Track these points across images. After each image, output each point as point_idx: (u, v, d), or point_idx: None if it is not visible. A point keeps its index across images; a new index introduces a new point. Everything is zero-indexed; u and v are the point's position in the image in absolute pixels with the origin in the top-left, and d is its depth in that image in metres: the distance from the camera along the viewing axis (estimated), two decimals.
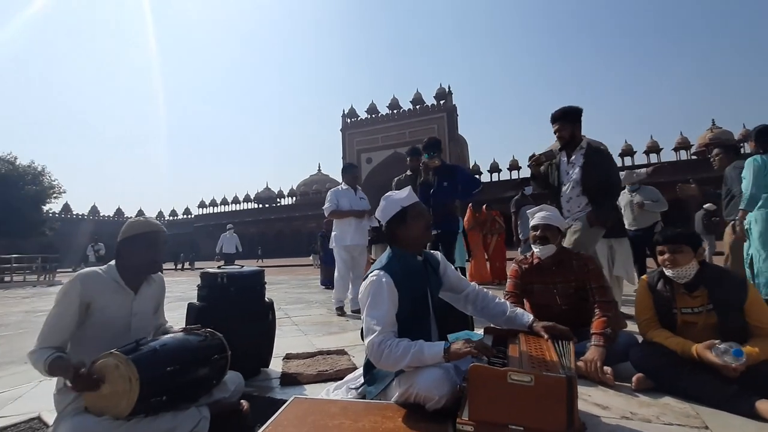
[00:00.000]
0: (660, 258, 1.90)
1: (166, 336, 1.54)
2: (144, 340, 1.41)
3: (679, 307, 1.85)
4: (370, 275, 1.62)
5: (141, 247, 1.60)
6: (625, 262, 4.10)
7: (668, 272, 1.85)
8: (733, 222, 3.40)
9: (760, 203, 3.08)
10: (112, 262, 1.64)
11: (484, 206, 7.12)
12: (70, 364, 1.36)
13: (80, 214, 49.31)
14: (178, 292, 7.91)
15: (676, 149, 32.96)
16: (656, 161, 31.52)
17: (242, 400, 1.65)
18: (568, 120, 2.94)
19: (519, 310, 1.81)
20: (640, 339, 2.03)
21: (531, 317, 1.75)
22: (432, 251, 1.91)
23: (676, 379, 1.72)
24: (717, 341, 1.64)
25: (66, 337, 1.48)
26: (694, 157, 32.15)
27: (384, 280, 1.56)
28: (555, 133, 2.99)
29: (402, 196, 1.73)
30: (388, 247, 1.75)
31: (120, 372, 1.26)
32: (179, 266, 25.88)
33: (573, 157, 2.96)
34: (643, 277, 2.03)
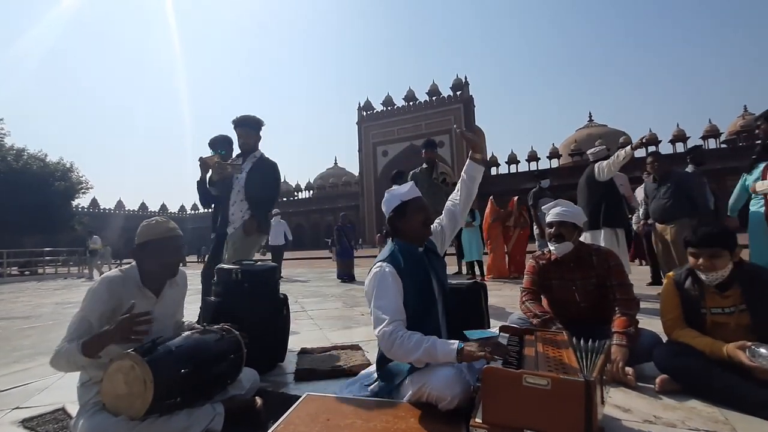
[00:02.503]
0: (692, 260, 1.77)
1: (182, 336, 1.53)
2: (160, 339, 1.42)
3: (709, 306, 1.75)
4: (373, 267, 1.64)
5: (154, 254, 1.58)
6: (620, 252, 4.06)
7: (702, 276, 1.74)
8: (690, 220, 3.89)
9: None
10: (134, 264, 1.62)
11: (515, 198, 6.99)
12: (101, 331, 1.38)
13: (107, 208, 50.96)
14: (199, 285, 8.08)
15: (705, 138, 31.56)
16: (682, 150, 30.29)
17: (256, 397, 1.66)
18: (251, 127, 3.03)
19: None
20: (664, 338, 1.94)
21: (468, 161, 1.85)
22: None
23: (705, 382, 1.64)
24: (750, 342, 1.55)
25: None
26: (723, 145, 30.76)
27: (387, 269, 1.58)
28: (238, 138, 3.05)
29: (403, 190, 1.76)
30: (390, 240, 1.78)
31: (135, 373, 1.28)
32: (201, 259, 26.65)
33: (244, 163, 3.02)
34: (669, 274, 1.94)
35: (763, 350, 1.49)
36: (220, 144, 3.35)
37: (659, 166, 4.18)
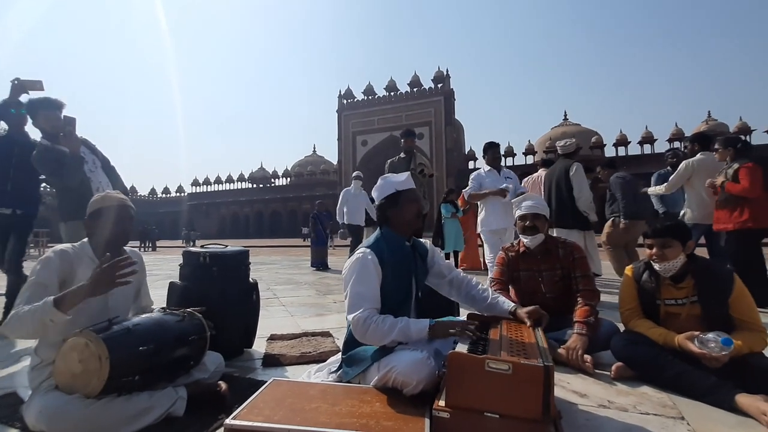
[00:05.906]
0: (648, 251, 1.87)
1: (141, 316, 1.52)
2: (117, 319, 1.39)
3: (663, 298, 1.85)
4: (356, 253, 1.64)
5: (104, 222, 1.58)
6: (592, 253, 4.45)
7: (656, 266, 1.83)
8: (613, 219, 4.66)
9: None
10: (85, 240, 1.61)
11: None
12: (75, 287, 1.33)
13: None
14: (169, 270, 7.88)
15: (671, 140, 32.93)
16: (650, 152, 31.58)
17: (220, 381, 1.64)
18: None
19: (501, 297, 1.80)
20: (621, 328, 2.04)
21: (512, 304, 1.74)
22: (419, 239, 1.89)
23: (657, 370, 1.73)
24: (698, 332, 1.64)
25: None
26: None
27: (369, 257, 1.58)
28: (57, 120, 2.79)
29: (399, 179, 1.74)
30: (378, 228, 1.77)
31: (90, 350, 1.24)
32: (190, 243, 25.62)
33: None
34: (629, 267, 2.03)
35: (710, 336, 1.59)
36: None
37: (604, 173, 4.94)
